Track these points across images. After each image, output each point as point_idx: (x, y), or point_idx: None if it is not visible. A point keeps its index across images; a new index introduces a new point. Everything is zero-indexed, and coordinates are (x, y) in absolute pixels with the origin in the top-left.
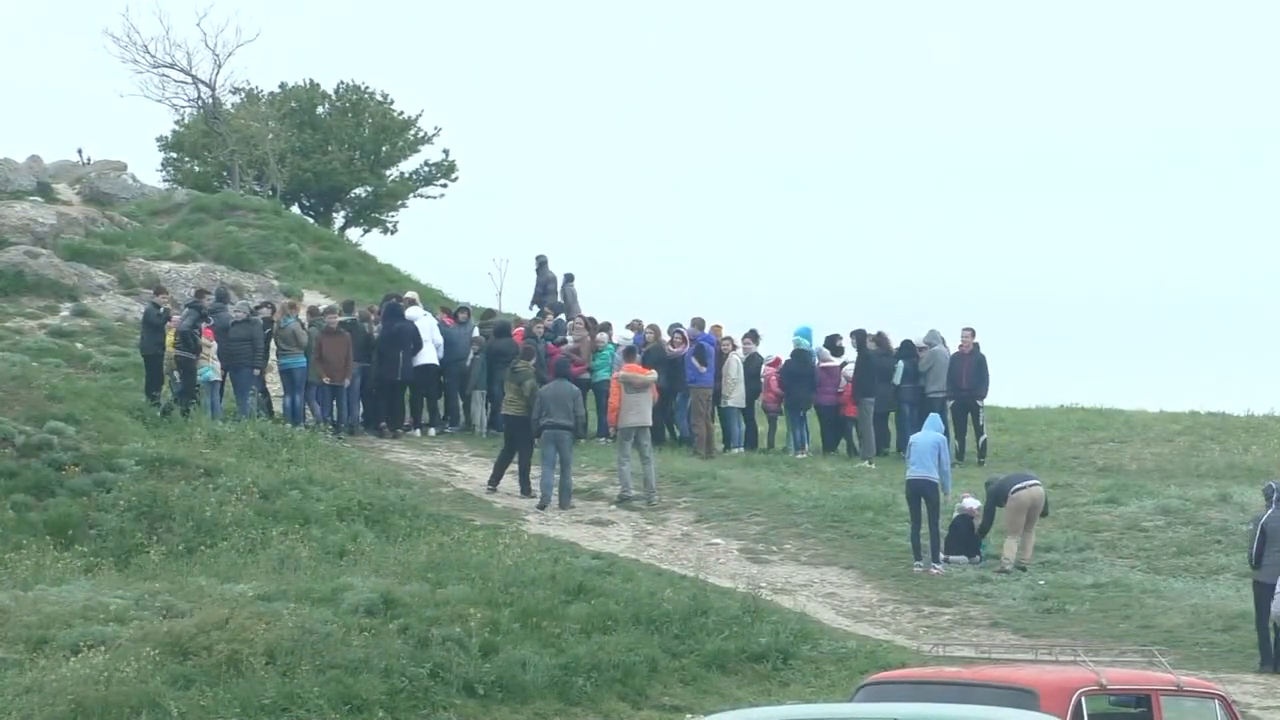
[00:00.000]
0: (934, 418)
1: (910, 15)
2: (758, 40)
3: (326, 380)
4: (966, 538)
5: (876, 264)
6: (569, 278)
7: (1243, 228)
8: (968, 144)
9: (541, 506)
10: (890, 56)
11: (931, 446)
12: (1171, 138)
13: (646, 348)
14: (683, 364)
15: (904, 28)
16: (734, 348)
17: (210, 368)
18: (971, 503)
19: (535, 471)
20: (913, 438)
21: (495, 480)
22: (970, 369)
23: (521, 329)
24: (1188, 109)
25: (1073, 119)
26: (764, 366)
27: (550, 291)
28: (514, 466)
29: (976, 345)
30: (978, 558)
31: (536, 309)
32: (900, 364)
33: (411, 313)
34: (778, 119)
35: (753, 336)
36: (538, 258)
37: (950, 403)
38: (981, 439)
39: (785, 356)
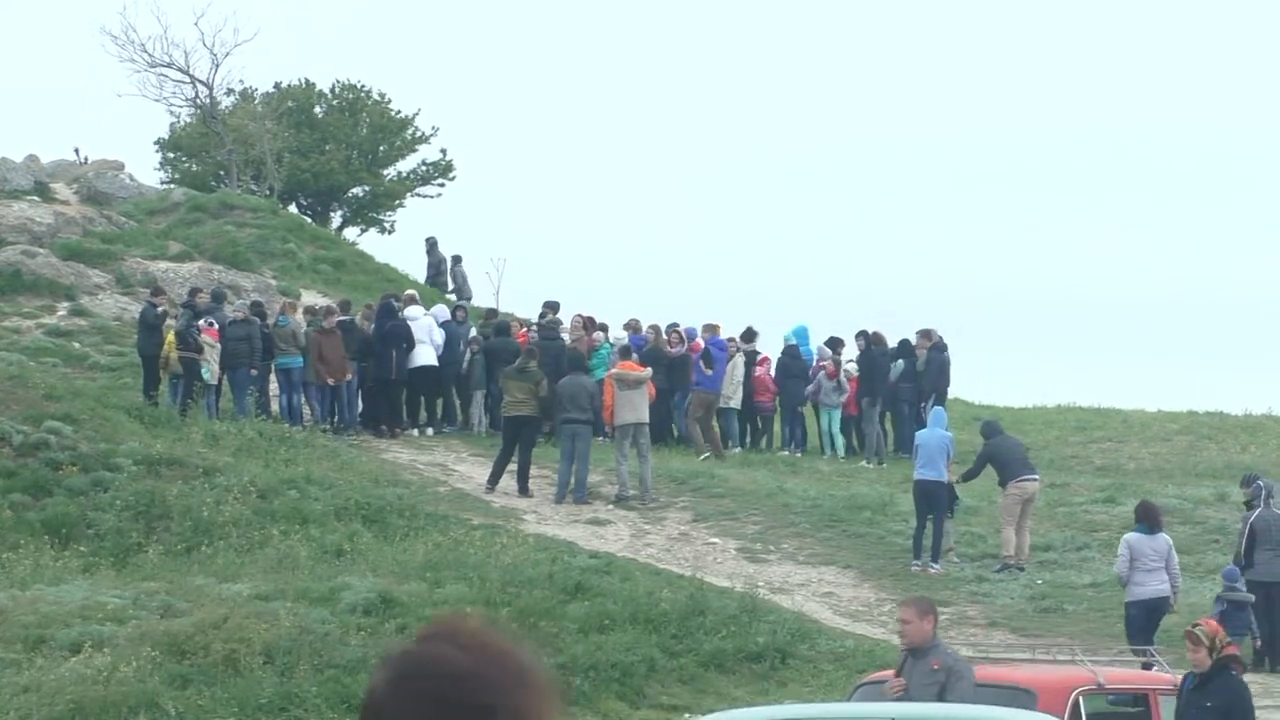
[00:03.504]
0: (939, 413)
1: (910, 15)
2: (758, 40)
3: (331, 381)
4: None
5: (876, 264)
6: (456, 259)
7: (1243, 228)
8: (968, 145)
9: (558, 500)
10: (890, 57)
11: (939, 446)
12: (1171, 137)
13: (647, 348)
14: (681, 364)
15: (904, 28)
16: (738, 350)
17: (208, 369)
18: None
19: (535, 471)
20: (919, 436)
21: (494, 480)
22: (927, 369)
23: (525, 330)
24: (1188, 109)
25: (1072, 119)
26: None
27: (442, 273)
28: (512, 466)
29: (932, 346)
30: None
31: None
32: (901, 363)
33: (411, 312)
34: (779, 119)
35: (746, 336)
36: (428, 240)
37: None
38: None
39: (771, 355)
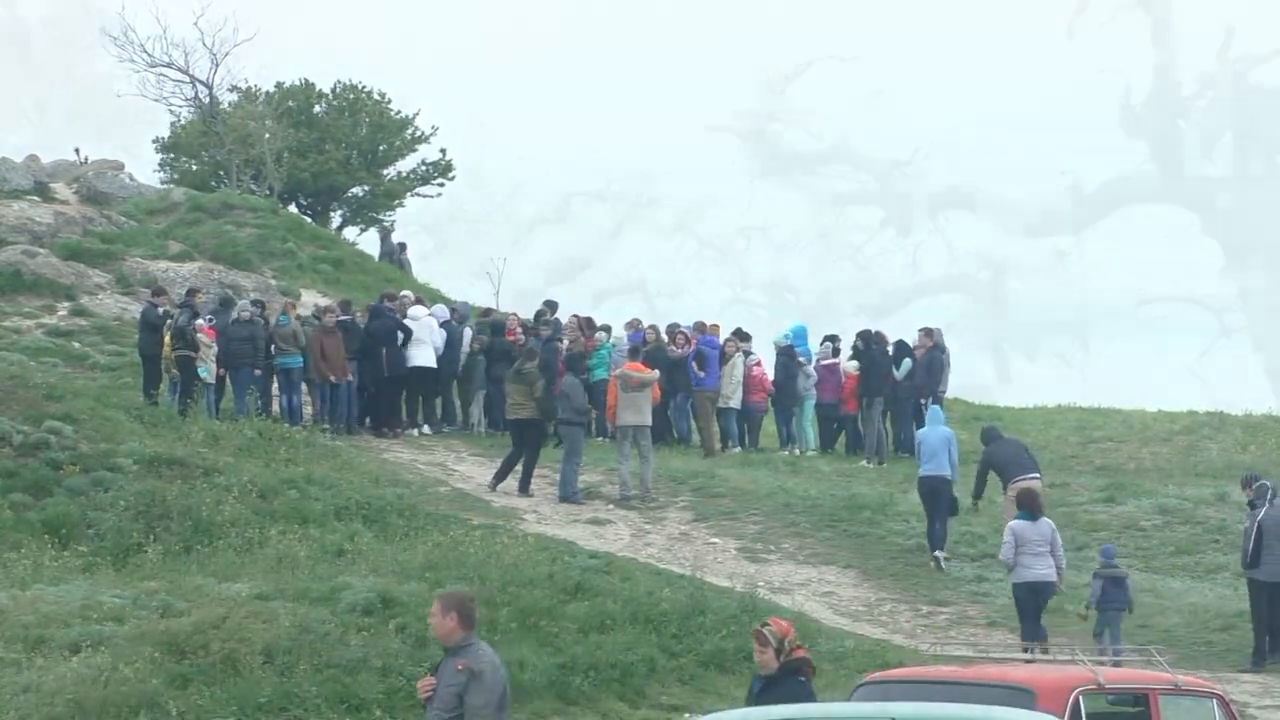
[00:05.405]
0: (935, 410)
1: (910, 15)
2: (758, 41)
3: (333, 379)
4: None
5: (876, 264)
6: (402, 246)
7: (1245, 228)
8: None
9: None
10: (891, 56)
11: (942, 442)
12: None
13: (648, 347)
14: (683, 365)
15: (904, 28)
16: (736, 349)
17: (206, 368)
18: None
19: (538, 472)
20: (921, 434)
21: (498, 478)
22: (921, 368)
23: (517, 328)
24: None
25: None
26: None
27: (395, 261)
28: (516, 467)
29: (932, 345)
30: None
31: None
32: (908, 362)
33: (414, 312)
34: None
35: (738, 335)
36: (382, 228)
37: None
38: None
39: (765, 356)
